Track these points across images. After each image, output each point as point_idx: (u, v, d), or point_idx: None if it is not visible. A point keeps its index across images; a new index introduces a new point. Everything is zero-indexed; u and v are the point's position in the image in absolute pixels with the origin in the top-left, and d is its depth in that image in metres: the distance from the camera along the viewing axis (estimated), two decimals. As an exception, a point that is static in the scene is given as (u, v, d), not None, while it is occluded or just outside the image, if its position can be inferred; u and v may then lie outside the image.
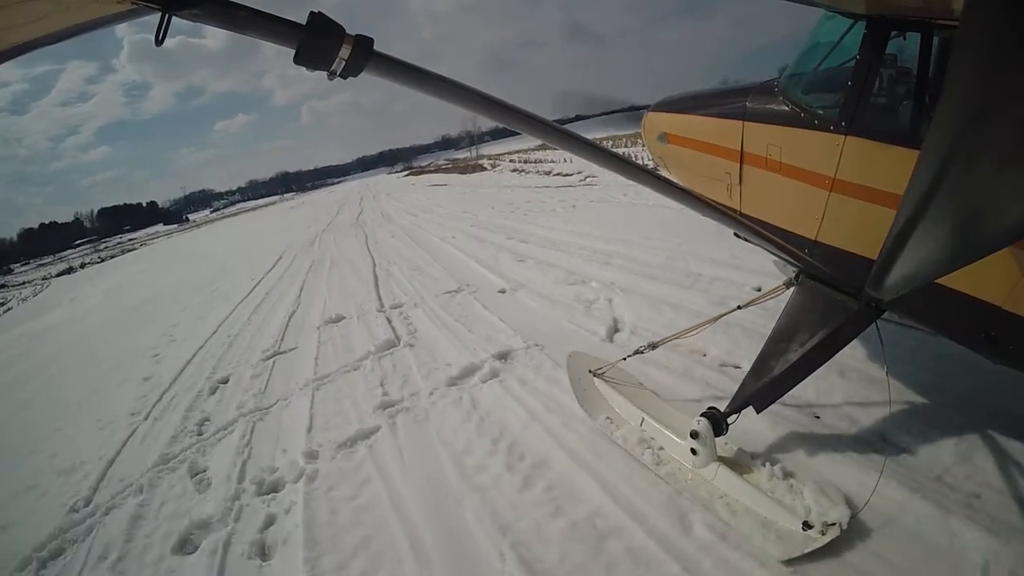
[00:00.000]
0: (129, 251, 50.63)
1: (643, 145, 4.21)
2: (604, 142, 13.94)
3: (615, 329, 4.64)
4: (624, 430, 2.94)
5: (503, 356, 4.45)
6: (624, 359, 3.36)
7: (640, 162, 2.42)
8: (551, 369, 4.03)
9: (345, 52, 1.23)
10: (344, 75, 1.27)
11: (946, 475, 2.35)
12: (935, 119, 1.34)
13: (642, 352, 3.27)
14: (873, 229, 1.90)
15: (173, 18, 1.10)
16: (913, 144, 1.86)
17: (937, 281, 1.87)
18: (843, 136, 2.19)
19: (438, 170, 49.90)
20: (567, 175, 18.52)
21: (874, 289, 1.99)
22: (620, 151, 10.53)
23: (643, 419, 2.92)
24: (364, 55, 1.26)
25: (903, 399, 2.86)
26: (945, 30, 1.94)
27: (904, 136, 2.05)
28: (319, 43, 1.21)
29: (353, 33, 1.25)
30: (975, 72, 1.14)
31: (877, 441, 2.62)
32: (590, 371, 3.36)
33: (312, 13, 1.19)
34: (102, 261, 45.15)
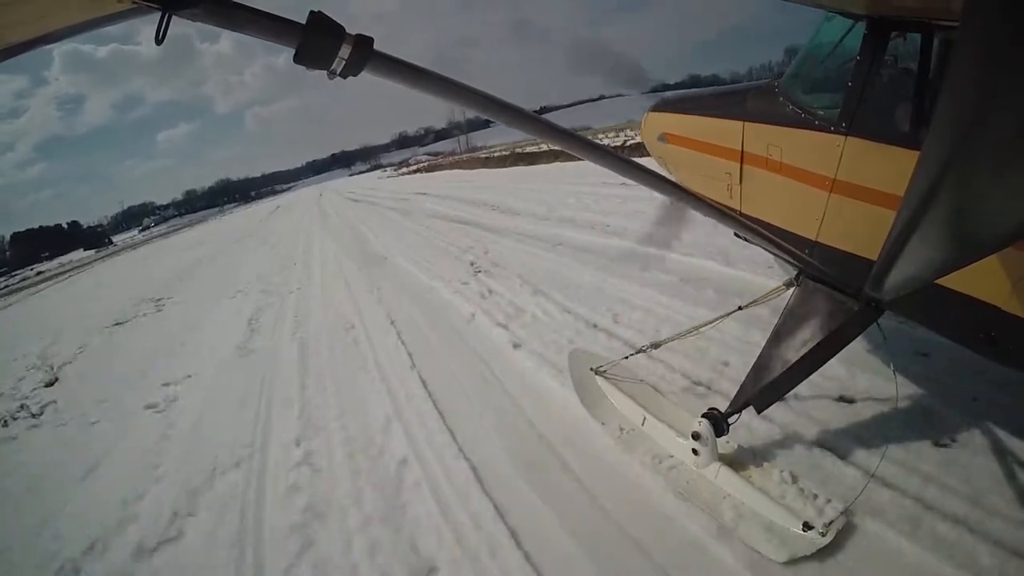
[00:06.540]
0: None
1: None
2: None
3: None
4: (626, 429, 2.94)
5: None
6: (626, 357, 3.35)
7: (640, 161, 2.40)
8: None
9: (345, 52, 1.22)
10: (344, 75, 1.26)
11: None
12: (935, 119, 1.34)
13: (644, 351, 3.26)
14: (873, 230, 1.90)
15: (172, 17, 1.09)
16: (913, 145, 1.86)
17: (937, 281, 1.86)
18: (843, 137, 2.19)
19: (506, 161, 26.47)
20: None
21: (874, 290, 1.98)
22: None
23: (645, 418, 2.92)
24: (364, 54, 1.25)
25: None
26: (945, 30, 1.94)
27: (904, 137, 2.04)
28: (319, 43, 1.20)
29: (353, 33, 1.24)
30: (975, 72, 1.13)
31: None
32: (591, 369, 3.35)
33: (312, 12, 1.19)
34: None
